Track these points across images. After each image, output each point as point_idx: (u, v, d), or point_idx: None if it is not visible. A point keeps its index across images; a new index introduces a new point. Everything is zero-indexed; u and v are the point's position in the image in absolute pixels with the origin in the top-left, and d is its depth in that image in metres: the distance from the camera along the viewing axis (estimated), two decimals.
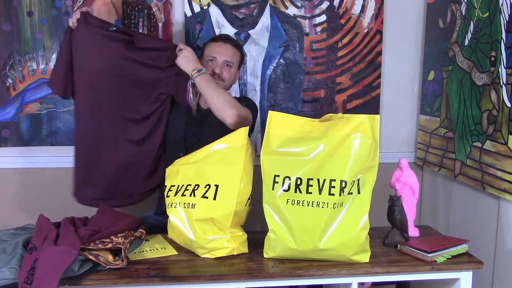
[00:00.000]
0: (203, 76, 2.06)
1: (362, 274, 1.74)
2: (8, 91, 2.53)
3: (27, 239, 1.70)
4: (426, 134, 2.66)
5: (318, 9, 2.67)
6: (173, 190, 1.86)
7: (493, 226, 2.13)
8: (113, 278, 1.63)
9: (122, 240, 1.69)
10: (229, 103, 2.00)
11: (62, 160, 2.60)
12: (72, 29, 2.10)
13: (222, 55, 2.21)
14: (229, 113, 1.98)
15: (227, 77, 2.22)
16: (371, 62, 2.73)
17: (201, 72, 2.07)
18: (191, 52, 2.14)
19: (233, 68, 2.25)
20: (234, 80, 2.31)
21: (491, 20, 2.08)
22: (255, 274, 1.68)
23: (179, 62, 2.12)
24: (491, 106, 2.07)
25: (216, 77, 2.19)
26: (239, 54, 2.29)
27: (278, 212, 1.74)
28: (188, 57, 2.11)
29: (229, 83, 2.26)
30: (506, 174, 1.98)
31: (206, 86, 2.05)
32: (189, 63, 2.10)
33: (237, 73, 2.31)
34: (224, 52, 2.22)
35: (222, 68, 2.21)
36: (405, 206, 1.93)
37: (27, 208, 2.59)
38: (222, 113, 2.00)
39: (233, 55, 2.24)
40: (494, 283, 2.11)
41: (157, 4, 2.57)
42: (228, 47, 2.24)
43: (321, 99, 2.72)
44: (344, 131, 1.71)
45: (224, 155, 1.81)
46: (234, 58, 2.25)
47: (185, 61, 2.11)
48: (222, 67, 2.21)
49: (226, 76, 2.22)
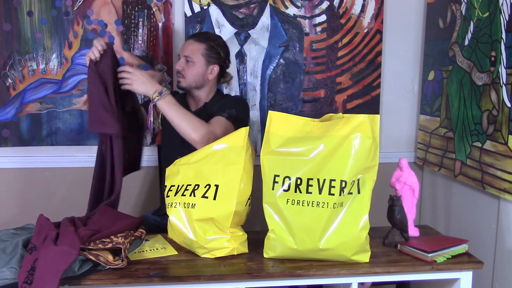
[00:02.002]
0: (165, 99, 1.97)
1: (362, 274, 1.74)
2: (8, 91, 2.53)
3: (27, 239, 1.70)
4: (426, 134, 2.66)
5: (318, 9, 2.67)
6: (173, 190, 1.86)
7: (493, 226, 2.12)
8: (113, 278, 1.63)
9: (122, 240, 1.69)
10: (194, 126, 1.95)
11: (62, 160, 2.60)
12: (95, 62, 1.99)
13: (182, 51, 2.18)
14: (194, 137, 1.94)
15: (188, 72, 2.16)
16: (371, 62, 2.73)
17: (163, 95, 1.97)
18: (142, 73, 2.02)
19: (196, 64, 2.16)
20: (206, 75, 2.20)
21: (491, 20, 2.08)
22: (255, 274, 1.68)
23: (134, 87, 1.99)
24: (491, 106, 2.07)
25: (178, 74, 2.19)
26: (203, 47, 2.16)
27: (278, 212, 1.74)
28: (141, 80, 1.99)
29: (193, 79, 2.18)
30: (506, 174, 1.98)
31: (169, 110, 1.97)
32: (145, 85, 1.99)
33: (208, 68, 2.19)
34: (184, 48, 2.19)
35: (183, 64, 2.17)
36: (405, 206, 1.93)
37: (27, 208, 2.59)
38: (188, 137, 1.96)
39: (194, 50, 2.16)
40: (494, 283, 2.11)
41: (157, 4, 2.57)
42: (189, 43, 2.19)
43: (321, 99, 2.72)
44: (344, 131, 1.71)
45: (224, 155, 1.81)
46: (194, 52, 2.16)
47: (140, 85, 1.99)
48: (183, 63, 2.16)
49: (187, 72, 2.17)
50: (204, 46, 2.17)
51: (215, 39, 2.24)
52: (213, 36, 2.28)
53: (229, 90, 2.65)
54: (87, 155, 2.61)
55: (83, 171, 2.54)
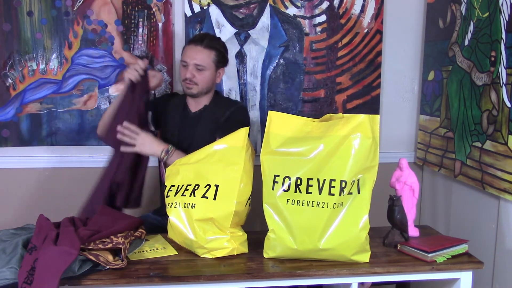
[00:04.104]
0: (173, 156, 2.05)
1: (362, 274, 1.74)
2: (8, 91, 2.53)
3: (27, 239, 1.70)
4: (426, 134, 2.66)
5: (318, 9, 2.67)
6: (173, 190, 1.86)
7: (493, 226, 2.12)
8: (113, 278, 1.63)
9: (122, 240, 1.69)
10: None
11: (62, 160, 2.60)
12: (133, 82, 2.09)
13: (192, 59, 2.13)
14: None
15: (200, 79, 2.15)
16: (371, 62, 2.73)
17: (170, 153, 2.06)
18: (147, 134, 2.07)
19: (206, 71, 2.15)
20: (215, 79, 2.22)
21: (491, 20, 2.08)
22: (255, 274, 1.68)
23: (140, 149, 2.05)
24: (491, 106, 2.07)
25: (188, 82, 2.14)
26: (213, 54, 2.16)
27: (278, 212, 1.74)
28: (147, 141, 2.06)
29: (205, 85, 2.18)
30: (506, 174, 1.98)
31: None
32: (151, 146, 2.06)
33: (217, 73, 2.21)
34: (194, 56, 2.14)
35: (193, 71, 2.13)
36: (405, 206, 1.93)
37: (27, 208, 2.59)
38: None
39: (204, 58, 2.14)
40: (494, 283, 2.11)
41: (157, 4, 2.57)
42: (198, 50, 2.14)
43: (321, 99, 2.72)
44: (344, 131, 1.72)
45: (224, 155, 1.82)
46: (206, 60, 2.14)
47: (146, 148, 2.06)
48: (193, 70, 2.13)
49: (199, 79, 2.14)
50: (214, 53, 2.17)
51: (220, 43, 2.24)
52: (216, 39, 2.26)
53: (229, 89, 2.65)
54: (87, 155, 2.61)
55: (83, 171, 2.55)
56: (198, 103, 2.25)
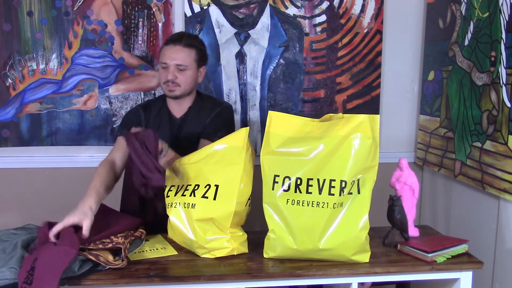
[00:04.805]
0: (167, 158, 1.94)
1: (362, 274, 1.74)
2: (8, 91, 2.53)
3: (27, 239, 1.70)
4: (426, 134, 2.66)
5: (318, 9, 2.67)
6: (173, 190, 1.86)
7: (493, 226, 2.12)
8: (113, 278, 1.62)
9: (122, 240, 1.69)
10: None
11: (62, 160, 2.60)
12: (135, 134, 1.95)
13: (172, 60, 2.05)
14: None
15: (182, 80, 2.07)
16: (371, 62, 2.73)
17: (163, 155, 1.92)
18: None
19: (188, 70, 2.07)
20: (197, 79, 2.14)
21: (491, 20, 2.08)
22: (255, 274, 1.68)
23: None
24: (491, 106, 2.07)
25: (170, 84, 2.06)
26: (194, 52, 2.08)
27: (278, 212, 1.74)
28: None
29: (188, 86, 2.10)
30: (506, 174, 1.98)
31: None
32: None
33: (198, 72, 2.13)
34: (174, 56, 2.05)
35: (175, 72, 2.05)
36: (405, 206, 1.93)
37: (27, 208, 2.59)
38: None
39: (185, 57, 2.06)
40: (494, 283, 2.11)
41: (157, 4, 2.57)
42: (178, 49, 2.06)
43: (321, 99, 2.72)
44: (344, 131, 1.71)
45: (224, 155, 1.81)
46: (187, 59, 2.07)
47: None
48: (175, 71, 2.05)
49: (181, 80, 2.07)
50: (194, 51, 2.09)
51: (199, 40, 2.17)
52: (194, 37, 2.20)
53: (229, 89, 2.65)
54: (87, 155, 2.61)
55: (83, 171, 2.54)
56: (181, 106, 2.16)
